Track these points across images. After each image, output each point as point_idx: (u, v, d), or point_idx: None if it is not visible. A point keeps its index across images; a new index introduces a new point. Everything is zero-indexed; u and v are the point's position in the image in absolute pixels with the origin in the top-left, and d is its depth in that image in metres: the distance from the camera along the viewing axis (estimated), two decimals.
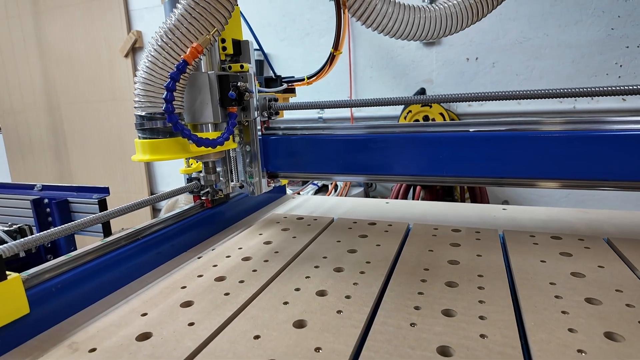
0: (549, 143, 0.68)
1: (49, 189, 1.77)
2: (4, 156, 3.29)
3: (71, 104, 2.92)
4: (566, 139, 0.68)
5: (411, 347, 0.44)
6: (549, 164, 0.69)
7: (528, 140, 0.70)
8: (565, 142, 0.68)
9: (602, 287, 0.55)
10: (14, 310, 0.50)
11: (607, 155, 0.65)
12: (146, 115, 0.58)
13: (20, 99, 3.09)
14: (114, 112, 2.77)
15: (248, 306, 0.55)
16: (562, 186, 0.71)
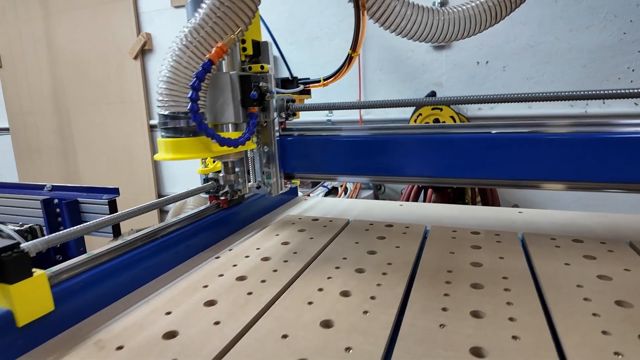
0: (561, 146, 0.68)
1: (59, 190, 1.78)
2: (12, 157, 3.30)
3: (79, 106, 2.93)
4: (583, 141, 0.68)
5: (443, 348, 0.43)
6: (565, 166, 0.68)
7: (543, 142, 0.70)
8: (581, 145, 0.67)
9: (630, 290, 0.55)
10: (39, 308, 0.50)
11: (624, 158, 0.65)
12: (170, 115, 0.58)
13: (29, 101, 3.11)
14: (121, 114, 2.79)
15: (272, 306, 0.55)
16: (577, 188, 0.71)
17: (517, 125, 0.72)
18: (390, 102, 0.76)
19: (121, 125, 2.81)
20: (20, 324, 0.48)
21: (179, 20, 2.44)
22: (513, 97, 0.73)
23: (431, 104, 0.77)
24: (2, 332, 0.47)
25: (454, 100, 0.74)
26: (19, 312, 0.48)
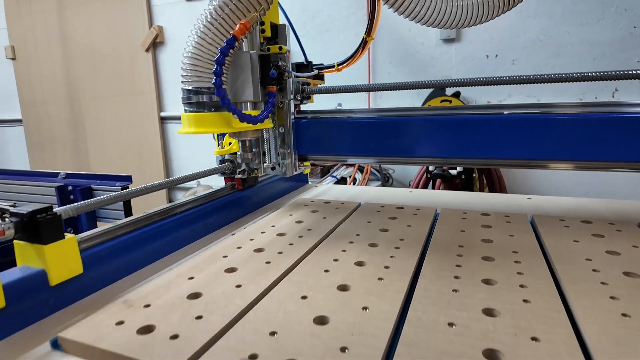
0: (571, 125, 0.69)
1: (73, 177, 1.81)
2: (25, 148, 3.36)
3: (91, 98, 2.97)
4: (593, 121, 0.69)
5: (456, 309, 0.45)
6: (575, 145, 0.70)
7: (552, 122, 0.71)
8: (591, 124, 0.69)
9: (639, 263, 0.56)
10: (70, 269, 0.53)
11: None
12: (193, 89, 0.61)
13: (42, 92, 3.16)
14: (133, 106, 2.82)
15: (290, 273, 0.57)
16: (588, 168, 0.72)
17: (527, 106, 0.73)
18: (403, 85, 0.77)
19: (132, 117, 2.84)
20: (52, 283, 0.51)
21: (190, 12, 2.47)
22: (524, 79, 0.75)
23: (442, 85, 0.79)
24: (37, 290, 0.50)
25: (463, 82, 0.75)
26: (52, 271, 0.51)
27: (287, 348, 0.39)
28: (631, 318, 0.42)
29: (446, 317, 0.44)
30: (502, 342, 0.39)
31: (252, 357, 0.38)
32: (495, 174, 1.64)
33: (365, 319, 0.44)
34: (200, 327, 0.44)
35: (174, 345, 0.40)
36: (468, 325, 0.42)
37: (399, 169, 2.10)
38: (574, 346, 0.38)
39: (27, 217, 0.49)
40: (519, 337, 0.40)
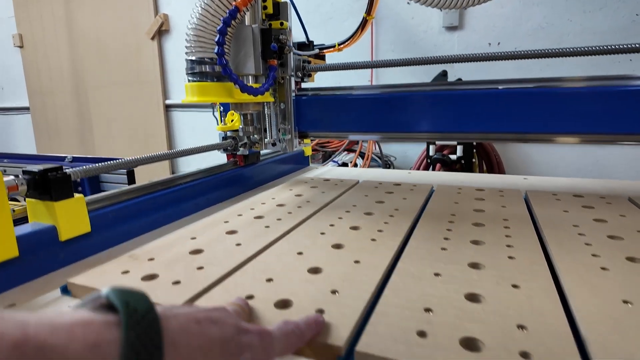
0: (572, 98, 0.71)
1: (79, 161, 1.85)
2: (32, 136, 3.40)
3: (97, 86, 3.01)
4: (589, 94, 0.71)
5: (444, 263, 0.48)
6: (572, 118, 0.71)
7: (550, 95, 0.73)
8: (588, 97, 0.71)
9: (624, 228, 0.58)
10: (78, 226, 0.56)
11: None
12: (197, 60, 0.63)
13: (49, 80, 3.19)
14: (139, 95, 2.85)
15: (288, 235, 0.59)
16: (585, 141, 0.74)
17: (524, 81, 0.75)
18: (402, 61, 0.79)
19: (138, 105, 2.88)
20: (62, 238, 0.54)
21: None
22: (522, 54, 0.77)
23: (443, 61, 0.81)
24: (48, 244, 0.53)
25: (463, 57, 0.77)
26: (61, 227, 0.53)
27: (281, 291, 0.42)
28: (609, 271, 0.45)
29: (433, 269, 0.46)
30: (484, 288, 0.41)
31: (248, 297, 0.40)
32: (495, 159, 1.66)
33: (357, 270, 0.46)
34: (201, 275, 0.46)
35: (175, 289, 0.43)
36: (454, 275, 0.44)
37: (400, 155, 2.12)
38: (551, 291, 0.40)
39: (39, 175, 0.52)
40: (500, 284, 0.42)
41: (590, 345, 0.32)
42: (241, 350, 0.25)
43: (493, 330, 0.34)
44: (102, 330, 0.19)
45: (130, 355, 0.19)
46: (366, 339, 0.33)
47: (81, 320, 0.19)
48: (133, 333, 0.19)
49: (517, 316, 0.36)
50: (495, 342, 0.32)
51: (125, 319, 0.19)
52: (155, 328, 0.20)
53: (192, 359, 0.22)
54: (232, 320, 0.26)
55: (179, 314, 0.23)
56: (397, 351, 0.31)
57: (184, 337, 0.22)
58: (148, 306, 0.21)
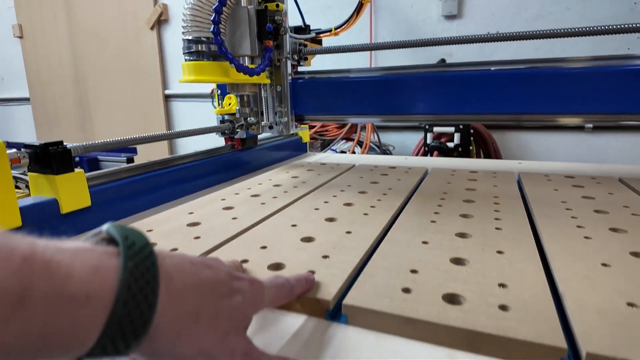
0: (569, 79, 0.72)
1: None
2: (33, 126, 3.42)
3: (97, 77, 3.01)
4: (586, 74, 0.72)
5: (432, 233, 0.49)
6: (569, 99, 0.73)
7: (543, 76, 0.74)
8: (585, 77, 0.72)
9: (610, 204, 0.60)
10: (79, 200, 0.57)
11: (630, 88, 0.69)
12: (193, 39, 0.64)
13: (49, 70, 3.20)
14: (138, 85, 2.86)
15: (283, 210, 0.61)
16: (583, 121, 0.75)
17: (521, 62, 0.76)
18: (400, 43, 0.80)
19: (137, 95, 2.88)
20: (63, 211, 0.55)
21: None
22: (522, 35, 0.78)
23: (443, 43, 0.81)
24: (49, 216, 0.54)
25: (463, 39, 0.78)
26: (62, 200, 0.55)
27: (275, 257, 0.43)
28: (592, 240, 0.46)
29: (421, 237, 0.48)
30: (469, 254, 0.43)
31: (243, 262, 0.42)
32: (492, 146, 1.67)
33: (348, 238, 0.48)
34: (197, 244, 0.48)
35: None
36: (441, 243, 0.46)
37: (398, 144, 2.13)
38: (534, 256, 0.42)
39: (40, 149, 0.53)
40: (485, 251, 0.43)
41: (566, 299, 0.33)
42: (233, 293, 0.26)
43: (475, 288, 0.35)
44: (103, 257, 0.20)
45: (129, 280, 0.20)
46: (353, 294, 0.34)
47: (84, 247, 0.20)
48: (131, 262, 0.20)
49: (499, 277, 0.37)
50: (476, 297, 0.34)
51: (124, 249, 0.21)
52: (152, 260, 0.21)
53: (185, 293, 0.23)
54: (224, 268, 0.28)
55: (174, 255, 0.25)
56: (382, 304, 0.33)
57: (179, 274, 0.23)
58: (145, 241, 0.22)
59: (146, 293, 0.20)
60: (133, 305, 0.20)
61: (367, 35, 2.09)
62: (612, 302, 0.32)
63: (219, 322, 0.24)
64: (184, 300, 0.23)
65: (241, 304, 0.26)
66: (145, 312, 0.20)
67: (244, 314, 0.26)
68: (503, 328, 0.29)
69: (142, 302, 0.20)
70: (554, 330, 0.29)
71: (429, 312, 0.31)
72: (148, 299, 0.20)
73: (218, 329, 0.24)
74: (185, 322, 0.22)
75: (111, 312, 0.19)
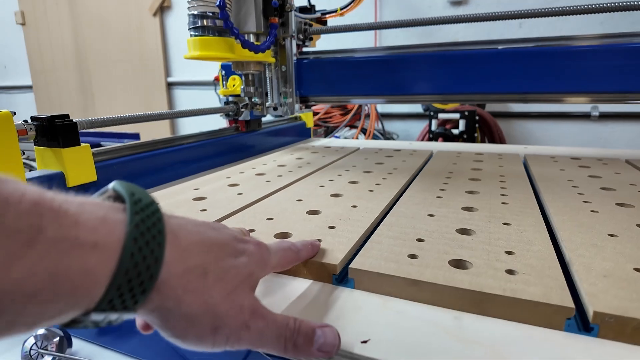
0: (573, 56, 0.71)
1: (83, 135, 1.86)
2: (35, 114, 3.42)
3: (100, 64, 3.00)
4: (593, 52, 0.71)
5: (438, 207, 0.49)
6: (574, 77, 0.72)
7: (549, 54, 0.73)
8: (591, 55, 0.71)
9: (617, 183, 0.59)
10: (85, 174, 0.57)
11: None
12: (199, 14, 0.64)
13: (51, 58, 3.19)
14: (141, 72, 2.85)
15: (289, 187, 0.61)
16: (590, 100, 0.75)
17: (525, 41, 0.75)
18: (407, 22, 0.79)
19: (140, 83, 2.88)
20: (70, 184, 0.55)
21: None
22: (528, 13, 0.77)
23: (449, 22, 0.80)
24: (57, 189, 0.54)
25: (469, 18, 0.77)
26: (69, 173, 0.55)
27: (281, 227, 0.43)
28: (598, 213, 0.46)
29: (427, 211, 0.48)
30: (476, 225, 0.43)
31: (250, 231, 0.42)
32: (497, 134, 1.66)
33: (354, 211, 0.48)
34: (204, 216, 0.48)
35: None
36: (447, 215, 0.46)
37: (402, 132, 2.12)
38: (540, 227, 0.42)
39: (47, 121, 0.54)
40: (492, 222, 0.43)
41: (573, 265, 0.33)
42: (238, 254, 0.26)
43: (481, 254, 0.35)
44: (110, 211, 0.20)
45: (135, 233, 0.20)
46: (360, 260, 0.35)
47: (92, 200, 0.20)
48: (138, 217, 0.20)
49: (506, 244, 0.37)
50: (483, 262, 0.34)
51: (130, 204, 0.21)
52: (158, 216, 0.21)
53: (191, 250, 0.23)
54: (230, 231, 0.28)
55: (178, 216, 0.25)
56: (389, 268, 0.33)
57: (185, 232, 0.23)
58: (151, 199, 0.22)
59: (152, 247, 0.20)
60: (140, 258, 0.20)
61: (372, 20, 2.07)
62: (619, 267, 0.32)
63: (226, 279, 0.24)
64: (191, 256, 0.23)
65: (248, 264, 0.26)
66: (152, 266, 0.20)
67: (251, 274, 0.26)
68: (510, 289, 0.29)
69: (148, 256, 0.20)
70: (561, 290, 0.29)
71: (435, 275, 0.31)
72: (154, 252, 0.20)
73: (225, 285, 0.24)
74: (192, 277, 0.22)
75: (119, 262, 0.19)
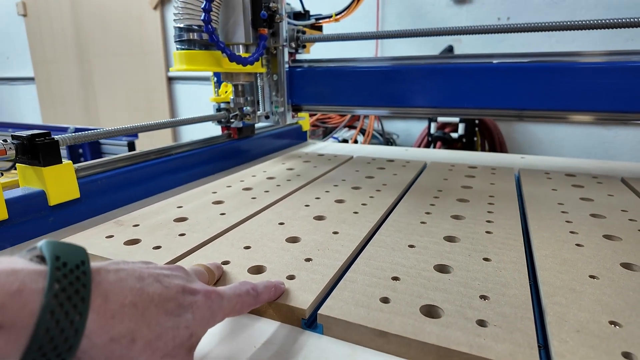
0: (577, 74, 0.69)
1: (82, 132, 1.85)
2: (38, 106, 3.42)
3: (101, 56, 2.99)
4: (594, 70, 0.69)
5: (420, 235, 0.48)
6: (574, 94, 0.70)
7: (548, 70, 0.71)
8: (593, 73, 0.69)
9: (608, 207, 0.58)
10: (67, 192, 0.57)
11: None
12: (185, 27, 0.62)
13: (53, 50, 3.18)
14: (142, 65, 2.83)
15: (273, 206, 0.60)
16: (591, 119, 0.73)
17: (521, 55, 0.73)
18: (407, 32, 0.77)
19: (141, 76, 2.86)
20: (51, 203, 0.55)
21: None
22: (536, 27, 0.75)
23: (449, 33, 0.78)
24: (37, 208, 0.54)
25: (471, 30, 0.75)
26: (50, 192, 0.55)
27: (257, 257, 0.43)
28: (584, 247, 0.45)
29: (408, 240, 0.47)
30: (455, 260, 0.42)
31: (224, 263, 0.42)
32: (497, 138, 1.64)
33: (334, 240, 0.47)
34: (181, 241, 0.47)
35: (155, 253, 0.44)
36: (427, 247, 0.45)
37: (402, 133, 2.10)
38: (521, 264, 0.41)
39: (27, 140, 0.53)
40: (472, 257, 0.42)
41: (547, 315, 0.32)
42: (182, 310, 0.25)
43: (455, 299, 0.34)
44: (27, 280, 0.19)
45: (53, 304, 0.19)
46: (330, 303, 0.34)
47: (8, 268, 0.19)
48: (58, 285, 0.20)
49: (482, 287, 0.36)
50: (455, 310, 0.33)
51: (51, 270, 0.20)
52: (84, 281, 0.21)
53: (121, 314, 0.22)
54: (178, 281, 0.27)
55: (122, 269, 0.24)
56: (358, 315, 0.32)
57: (118, 292, 0.22)
58: (80, 260, 0.21)
59: (72, 317, 0.20)
60: (57, 332, 0.19)
61: (373, 19, 2.03)
62: (594, 320, 0.31)
63: (158, 344, 0.23)
64: (118, 323, 0.22)
65: (190, 322, 0.25)
66: (71, 338, 0.20)
67: (191, 333, 0.25)
68: (477, 346, 0.28)
69: (67, 328, 0.19)
70: (529, 350, 0.28)
71: (404, 326, 0.31)
72: (74, 324, 0.20)
73: (155, 352, 0.23)
74: (117, 347, 0.22)
75: (30, 340, 0.18)
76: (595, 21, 0.69)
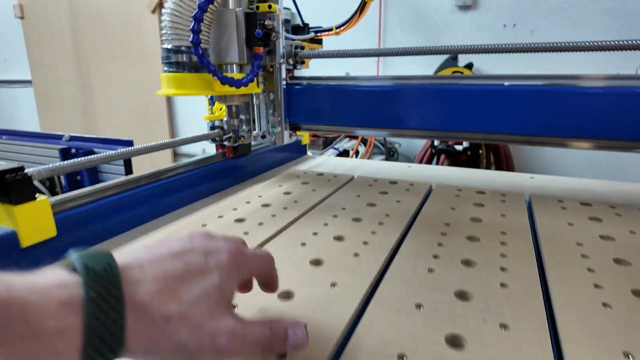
0: (586, 99, 0.65)
1: (77, 140, 1.81)
2: (35, 109, 3.38)
3: (99, 60, 2.94)
4: (605, 94, 0.64)
5: (428, 289, 0.43)
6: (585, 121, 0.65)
7: (562, 95, 0.66)
8: (604, 98, 0.64)
9: (632, 250, 0.53)
10: (42, 231, 0.52)
11: None
12: (172, 48, 0.57)
13: (51, 53, 3.13)
14: (140, 69, 2.79)
15: (266, 245, 0.55)
16: (598, 147, 0.68)
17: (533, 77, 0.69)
18: (406, 50, 0.72)
19: (139, 80, 2.82)
20: (24, 245, 0.50)
21: None
22: (540, 47, 0.70)
23: (454, 52, 0.74)
24: (8, 250, 0.49)
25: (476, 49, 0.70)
26: (22, 232, 0.50)
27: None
28: (611, 309, 0.40)
29: (415, 297, 0.42)
30: (468, 327, 0.37)
31: None
32: (503, 151, 1.59)
33: (332, 295, 0.42)
34: None
35: None
36: (437, 308, 0.40)
37: (405, 143, 2.05)
38: (543, 334, 0.36)
39: None
40: (487, 322, 0.38)
41: None
42: (208, 274, 0.27)
43: None
44: (73, 291, 0.22)
45: (93, 308, 0.22)
46: None
47: (57, 281, 0.22)
48: (92, 291, 0.22)
49: None
50: None
51: (84, 280, 0.23)
52: (113, 281, 0.23)
53: (151, 301, 0.24)
54: (199, 250, 0.29)
55: (143, 262, 0.26)
56: None
57: (142, 283, 0.25)
58: (105, 264, 0.24)
59: (113, 317, 0.23)
60: (104, 331, 0.22)
61: (375, 25, 1.98)
62: None
63: (193, 314, 0.25)
64: (151, 309, 0.24)
65: (218, 283, 0.27)
66: (117, 333, 0.23)
67: (223, 291, 0.28)
68: None
69: (111, 326, 0.22)
70: None
71: None
72: (117, 322, 0.23)
73: (192, 321, 0.25)
74: (156, 329, 0.24)
75: (84, 341, 0.21)
76: (623, 42, 0.64)
